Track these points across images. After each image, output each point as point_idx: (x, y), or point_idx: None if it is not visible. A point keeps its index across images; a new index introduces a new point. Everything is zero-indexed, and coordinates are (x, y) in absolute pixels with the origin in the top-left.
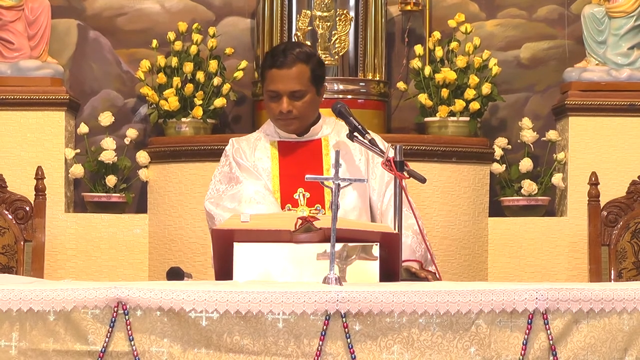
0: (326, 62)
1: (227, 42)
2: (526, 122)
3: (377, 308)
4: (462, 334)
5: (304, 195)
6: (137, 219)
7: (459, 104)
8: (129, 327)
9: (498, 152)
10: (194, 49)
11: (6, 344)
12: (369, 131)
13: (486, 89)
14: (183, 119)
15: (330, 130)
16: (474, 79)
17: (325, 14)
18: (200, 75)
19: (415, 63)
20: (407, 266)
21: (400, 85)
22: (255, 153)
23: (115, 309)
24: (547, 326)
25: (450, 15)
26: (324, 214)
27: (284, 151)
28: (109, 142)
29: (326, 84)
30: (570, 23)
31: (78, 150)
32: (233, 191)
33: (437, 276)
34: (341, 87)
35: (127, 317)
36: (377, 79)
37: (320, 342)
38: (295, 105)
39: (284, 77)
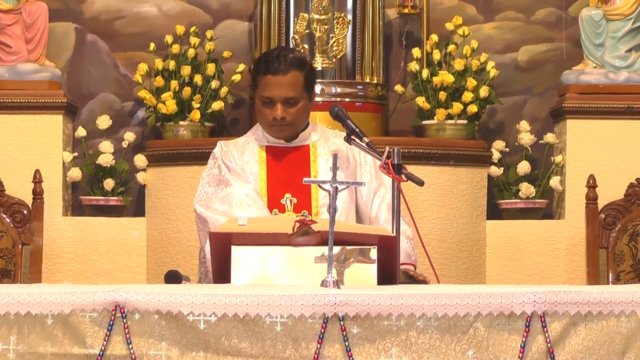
0: (324, 65)
1: (225, 45)
2: (524, 124)
3: (375, 311)
4: (460, 336)
5: (291, 200)
6: (135, 222)
7: (457, 107)
8: (127, 330)
9: (496, 155)
10: (191, 52)
11: (4, 347)
12: (366, 134)
13: (484, 91)
14: (181, 122)
15: (318, 137)
16: (471, 82)
17: (322, 17)
18: (197, 79)
19: (413, 66)
20: (405, 269)
21: (398, 88)
22: (243, 157)
23: (113, 312)
24: (545, 329)
25: (447, 18)
26: (311, 219)
27: (272, 156)
28: (106, 146)
29: (323, 87)
30: (568, 26)
31: (76, 154)
32: (223, 194)
33: (436, 279)
34: (339, 90)
35: (125, 320)
36: (375, 82)
37: (318, 345)
38: (288, 112)
39: (279, 83)
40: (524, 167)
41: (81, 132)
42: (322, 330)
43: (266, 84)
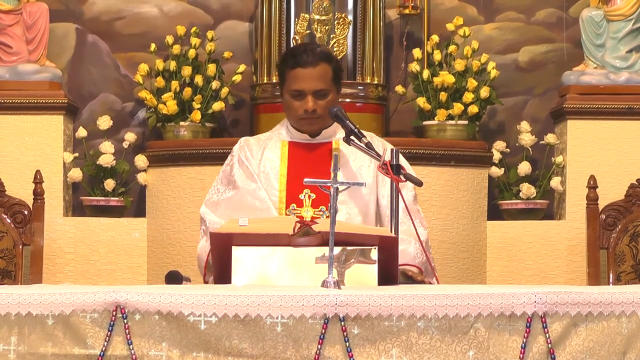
0: None
1: (226, 45)
2: (524, 125)
3: (376, 311)
4: (460, 337)
5: (309, 196)
6: (135, 222)
7: (458, 108)
8: (127, 331)
9: (496, 156)
10: (192, 53)
11: (5, 348)
12: (366, 134)
13: (484, 92)
14: (181, 123)
15: (343, 134)
16: (472, 83)
17: (323, 17)
18: (198, 79)
19: (414, 66)
20: (404, 269)
21: (399, 88)
22: (264, 152)
23: (114, 312)
24: (545, 330)
25: (448, 18)
26: (328, 216)
27: (294, 152)
28: (107, 146)
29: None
30: (568, 26)
31: (76, 154)
32: (229, 194)
33: (436, 280)
34: None
35: (125, 321)
36: (376, 82)
37: (319, 346)
38: (319, 104)
39: (309, 76)
40: (524, 167)
41: (82, 132)
42: (323, 330)
43: (295, 77)
